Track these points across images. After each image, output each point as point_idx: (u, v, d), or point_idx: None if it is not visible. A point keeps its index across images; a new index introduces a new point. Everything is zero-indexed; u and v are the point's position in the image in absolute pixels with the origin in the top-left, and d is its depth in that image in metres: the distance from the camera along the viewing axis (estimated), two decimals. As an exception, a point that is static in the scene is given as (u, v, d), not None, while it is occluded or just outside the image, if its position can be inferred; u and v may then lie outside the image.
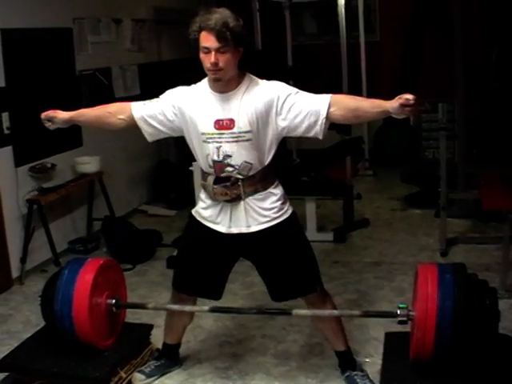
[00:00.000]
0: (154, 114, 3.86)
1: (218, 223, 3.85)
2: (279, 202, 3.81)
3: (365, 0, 9.81)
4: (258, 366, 4.45)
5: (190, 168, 5.86)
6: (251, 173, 3.70)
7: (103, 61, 7.57)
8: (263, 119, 3.61)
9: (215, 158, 3.67)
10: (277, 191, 3.82)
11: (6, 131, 6.02)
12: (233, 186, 3.71)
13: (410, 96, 3.47)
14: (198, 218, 3.94)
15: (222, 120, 3.62)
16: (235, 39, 3.47)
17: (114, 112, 3.99)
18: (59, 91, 6.73)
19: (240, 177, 3.69)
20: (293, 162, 9.21)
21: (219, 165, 3.69)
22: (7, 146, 6.08)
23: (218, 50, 3.46)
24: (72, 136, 6.95)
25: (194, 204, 6.01)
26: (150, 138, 4.02)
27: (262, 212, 3.77)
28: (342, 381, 4.14)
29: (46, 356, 4.12)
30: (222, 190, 3.73)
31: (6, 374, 4.19)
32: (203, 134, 3.68)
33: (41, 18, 6.40)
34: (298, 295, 4.02)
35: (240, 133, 3.61)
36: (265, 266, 3.98)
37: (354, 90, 8.07)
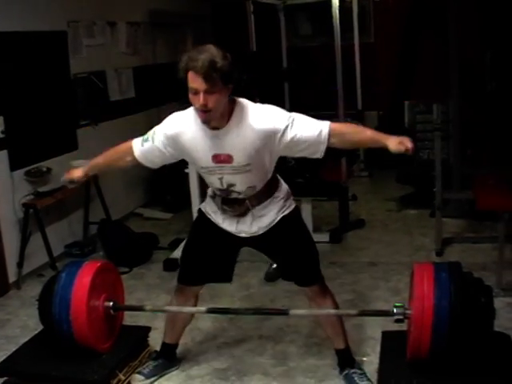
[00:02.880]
0: (153, 150, 3.90)
1: (224, 227, 3.95)
2: (282, 200, 3.91)
3: (359, 2, 9.83)
4: (256, 366, 4.47)
5: (186, 170, 5.86)
6: (256, 191, 3.79)
7: (98, 64, 7.58)
8: (260, 152, 3.61)
9: (219, 186, 3.78)
10: (280, 193, 3.92)
11: (1, 135, 6.00)
12: (240, 205, 3.83)
13: (410, 145, 3.52)
14: (206, 214, 4.03)
15: (219, 155, 3.63)
16: (223, 79, 3.41)
17: (121, 156, 4.15)
18: (54, 94, 6.75)
19: (246, 197, 3.80)
20: (288, 164, 9.22)
21: (224, 191, 3.80)
22: (2, 150, 6.07)
23: (206, 92, 3.41)
24: (67, 139, 6.97)
25: (190, 207, 6.06)
26: (154, 167, 4.11)
27: (267, 216, 3.87)
28: (340, 380, 4.16)
29: (45, 360, 4.13)
30: (231, 208, 3.86)
31: (5, 378, 4.18)
32: (203, 167, 3.75)
33: (35, 21, 6.41)
34: (303, 283, 4.08)
35: (239, 166, 3.63)
36: (271, 254, 4.18)
37: (349, 91, 8.10)
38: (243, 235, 3.93)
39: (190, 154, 3.76)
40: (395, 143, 3.52)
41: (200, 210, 4.12)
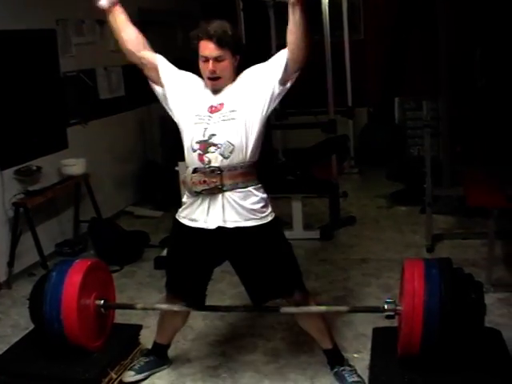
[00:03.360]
0: (153, 60, 4.07)
1: (195, 220, 3.85)
2: (260, 205, 3.81)
3: (348, -2, 9.84)
4: (248, 364, 4.47)
5: (176, 168, 5.86)
6: (233, 160, 3.70)
7: (87, 62, 7.57)
8: (249, 97, 3.72)
9: (201, 138, 3.72)
10: (258, 193, 3.81)
11: (-9, 134, 6.00)
12: (212, 174, 3.70)
13: None
14: (179, 219, 3.97)
15: (214, 106, 3.75)
16: (233, 46, 3.64)
17: (136, 37, 4.26)
18: (43, 93, 6.73)
19: (220, 165, 3.70)
20: (278, 161, 9.24)
21: (203, 145, 3.71)
22: (-8, 149, 6.06)
23: (216, 59, 3.63)
24: (57, 138, 6.95)
25: (180, 205, 6.05)
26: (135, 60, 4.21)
27: (239, 210, 3.76)
28: (331, 377, 4.17)
29: (36, 359, 4.13)
30: (200, 178, 3.72)
31: (-4, 377, 4.19)
32: (196, 115, 3.78)
33: (24, 19, 6.38)
34: (273, 297, 4.05)
35: (227, 112, 3.71)
36: (242, 267, 4.01)
37: (339, 88, 8.12)
38: (212, 226, 3.77)
39: (189, 98, 3.85)
40: None
41: (174, 218, 4.04)
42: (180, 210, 3.99)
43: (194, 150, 3.74)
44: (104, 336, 4.26)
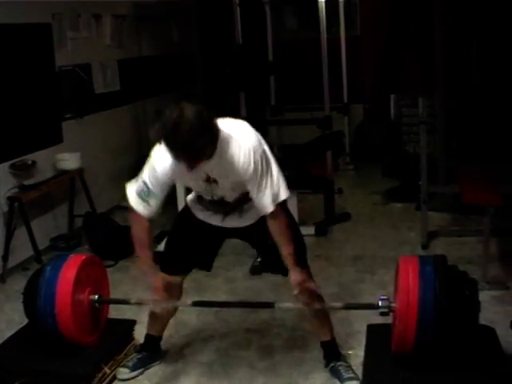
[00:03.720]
0: (156, 197, 3.82)
1: (210, 222, 3.99)
2: None
3: (345, -5, 9.83)
4: (242, 359, 4.47)
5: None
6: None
7: (83, 57, 7.54)
8: (239, 182, 3.67)
9: (209, 198, 3.87)
10: None
11: (-15, 128, 5.98)
12: (228, 205, 3.88)
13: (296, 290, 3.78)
14: (192, 209, 4.07)
15: (208, 177, 3.68)
16: (206, 151, 3.39)
17: (146, 227, 3.92)
18: (39, 87, 6.71)
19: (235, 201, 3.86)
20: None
21: (215, 201, 3.87)
22: (-13, 143, 6.04)
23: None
24: (52, 132, 6.94)
25: (175, 200, 6.02)
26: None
27: (255, 214, 3.84)
28: (326, 374, 4.17)
29: (30, 354, 4.13)
30: (218, 209, 3.92)
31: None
32: (198, 191, 3.93)
33: (19, 13, 6.36)
34: (278, 271, 4.06)
35: (225, 189, 3.75)
36: (257, 245, 4.21)
37: (334, 84, 8.11)
38: (228, 226, 3.95)
39: (184, 182, 4.03)
40: (296, 281, 3.75)
41: (186, 203, 4.15)
42: (190, 199, 4.11)
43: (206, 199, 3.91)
44: (98, 331, 4.25)
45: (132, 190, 3.85)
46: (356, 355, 4.32)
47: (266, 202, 3.66)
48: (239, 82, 8.05)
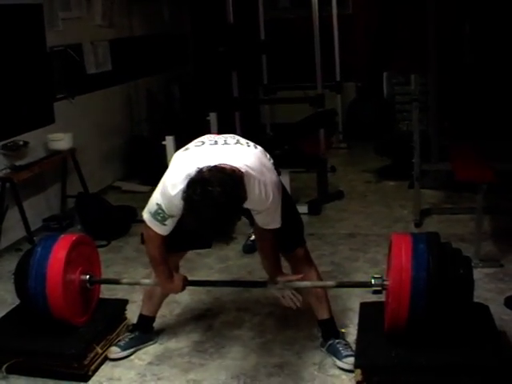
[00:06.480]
0: (174, 217, 3.66)
1: None
2: None
3: (337, -27, 9.77)
4: (234, 338, 4.46)
5: (163, 143, 5.81)
6: None
7: (74, 37, 7.50)
8: None
9: None
10: None
11: (-23, 109, 5.95)
12: None
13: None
14: None
15: None
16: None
17: (159, 244, 3.82)
18: (30, 68, 6.68)
19: None
20: (266, 136, 9.21)
21: None
22: (-23, 124, 6.01)
23: None
24: (44, 113, 6.91)
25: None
26: None
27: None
28: (318, 352, 4.17)
29: (21, 334, 4.12)
30: None
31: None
32: None
33: (10, -7, 6.31)
34: (287, 249, 4.04)
35: None
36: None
37: (327, 63, 8.08)
38: None
39: None
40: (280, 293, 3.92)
41: None
42: None
43: None
44: (90, 311, 4.25)
45: (146, 212, 3.72)
46: (349, 333, 4.32)
47: (267, 221, 3.68)
48: (231, 61, 8.03)
